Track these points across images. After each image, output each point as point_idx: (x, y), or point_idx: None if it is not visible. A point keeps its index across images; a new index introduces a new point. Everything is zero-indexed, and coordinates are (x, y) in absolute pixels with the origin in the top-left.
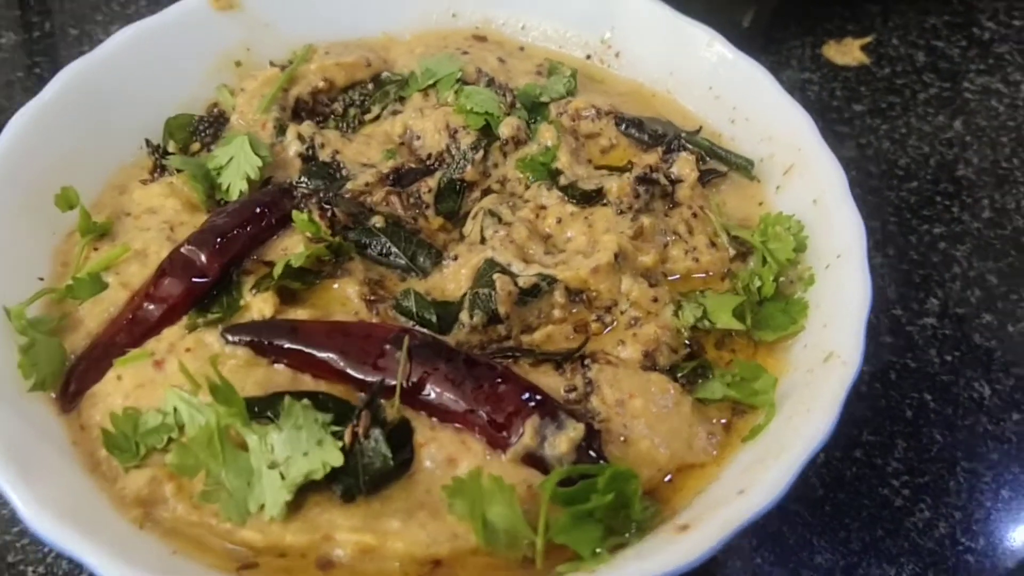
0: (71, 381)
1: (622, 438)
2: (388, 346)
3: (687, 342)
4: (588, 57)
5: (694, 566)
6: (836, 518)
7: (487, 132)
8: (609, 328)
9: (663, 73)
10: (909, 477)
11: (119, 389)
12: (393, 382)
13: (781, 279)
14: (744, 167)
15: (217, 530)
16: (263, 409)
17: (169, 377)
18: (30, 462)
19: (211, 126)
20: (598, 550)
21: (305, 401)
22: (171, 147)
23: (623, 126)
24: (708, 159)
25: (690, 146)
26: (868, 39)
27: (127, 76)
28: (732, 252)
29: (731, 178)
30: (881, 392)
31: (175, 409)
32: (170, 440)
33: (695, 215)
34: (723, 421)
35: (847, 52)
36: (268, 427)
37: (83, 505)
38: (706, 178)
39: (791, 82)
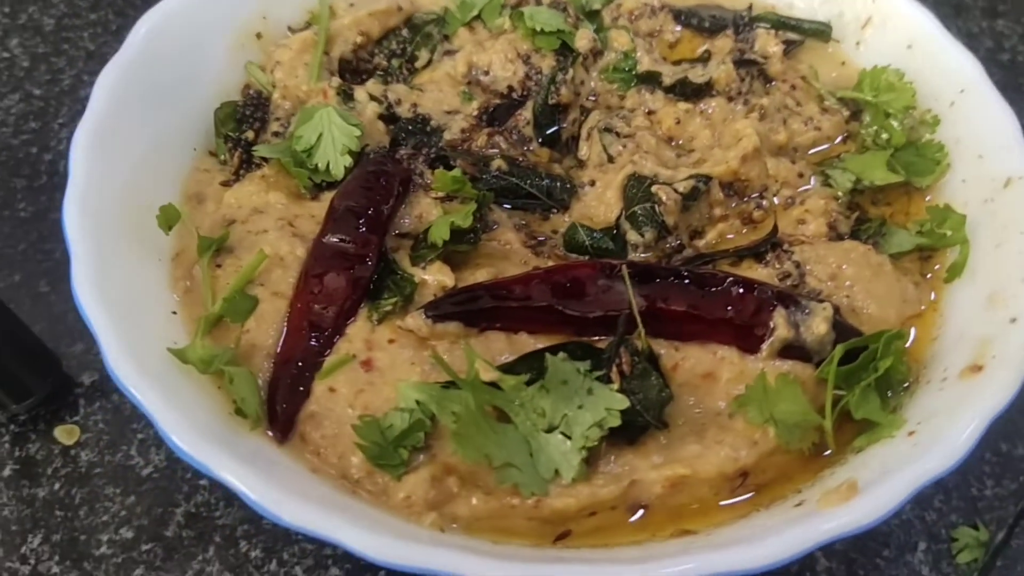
0: (276, 409)
1: (853, 308)
2: (602, 280)
3: (852, 206)
4: None
5: (1010, 403)
6: None
7: (562, 51)
8: (771, 212)
9: None
10: None
11: (339, 402)
12: (625, 310)
13: (904, 127)
14: (822, 31)
15: (520, 508)
16: (508, 370)
17: (386, 374)
18: (322, 500)
19: (256, 109)
20: (887, 415)
21: (562, 354)
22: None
23: (681, 17)
24: (781, 31)
25: (758, 24)
26: None
27: (157, 77)
28: (846, 113)
29: (806, 46)
30: None
31: (418, 403)
32: (425, 435)
33: (794, 87)
34: (921, 281)
35: None
36: (528, 392)
37: (383, 525)
38: (788, 48)
39: None
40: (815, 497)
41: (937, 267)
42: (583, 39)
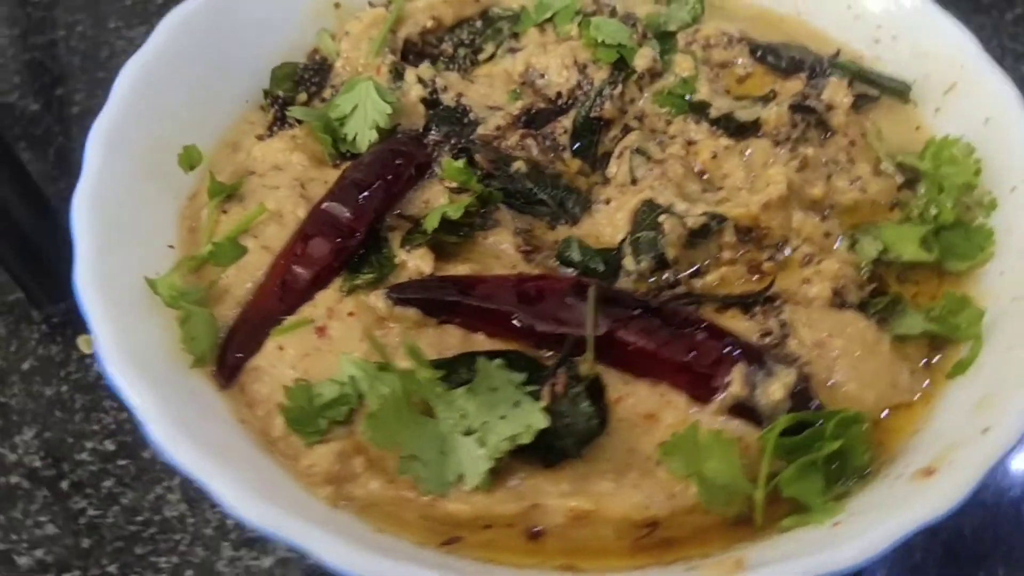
0: (228, 354)
1: (829, 382)
2: (569, 299)
3: (873, 279)
4: None
5: (951, 512)
6: None
7: (619, 66)
8: (786, 266)
9: None
10: None
11: (283, 360)
12: (582, 333)
13: (958, 206)
14: (900, 90)
15: (416, 504)
16: (449, 371)
17: (335, 344)
18: (219, 447)
19: (316, 74)
20: (825, 501)
21: (499, 361)
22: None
23: (758, 53)
24: (856, 83)
25: (837, 70)
26: None
27: (227, 25)
28: (900, 179)
29: (882, 103)
30: None
31: (352, 378)
32: (351, 412)
33: (853, 143)
34: (924, 360)
35: None
36: (456, 392)
37: (275, 486)
38: (858, 103)
39: None
40: (707, 565)
41: (939, 358)
42: (642, 57)
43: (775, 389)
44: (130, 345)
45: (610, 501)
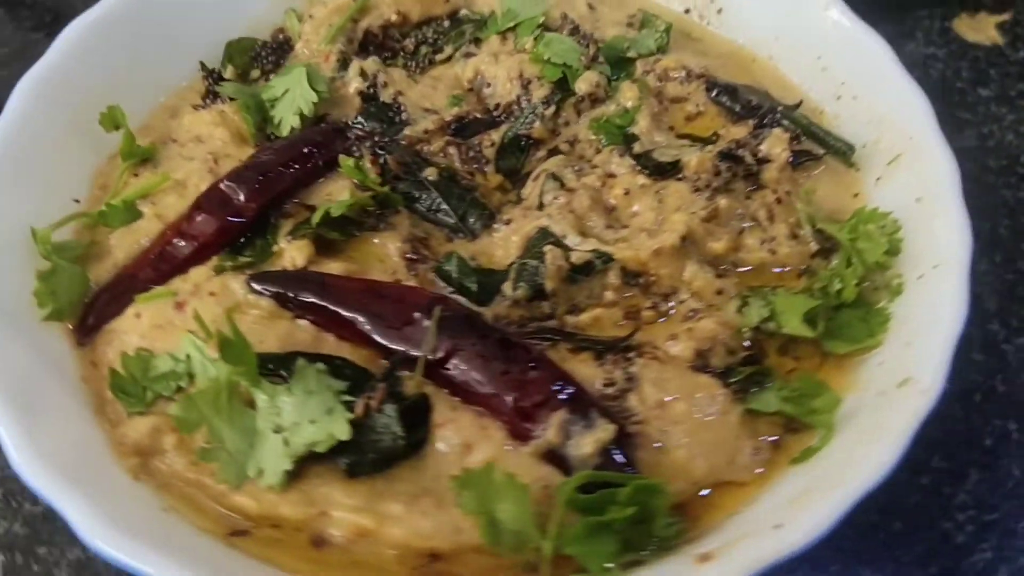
0: (90, 313)
1: (657, 444)
2: (418, 314)
3: (747, 344)
4: (687, 11)
5: None
6: (888, 549)
7: (562, 86)
8: (664, 318)
9: (768, 36)
10: (976, 512)
11: (136, 328)
12: (419, 353)
13: (865, 284)
14: (843, 152)
15: (212, 491)
16: (278, 367)
17: (189, 321)
18: (33, 398)
19: (273, 52)
20: (610, 565)
21: (320, 365)
22: (228, 72)
23: (714, 92)
24: (804, 139)
25: (786, 122)
26: (1006, 16)
27: None
28: (815, 247)
29: (826, 162)
30: (961, 415)
31: (188, 357)
32: (179, 389)
33: (779, 201)
34: (773, 438)
35: (980, 28)
36: (280, 388)
37: (80, 450)
38: (798, 160)
39: (912, 57)
40: None
41: (791, 440)
42: (585, 81)
43: (587, 443)
44: None
45: (394, 524)
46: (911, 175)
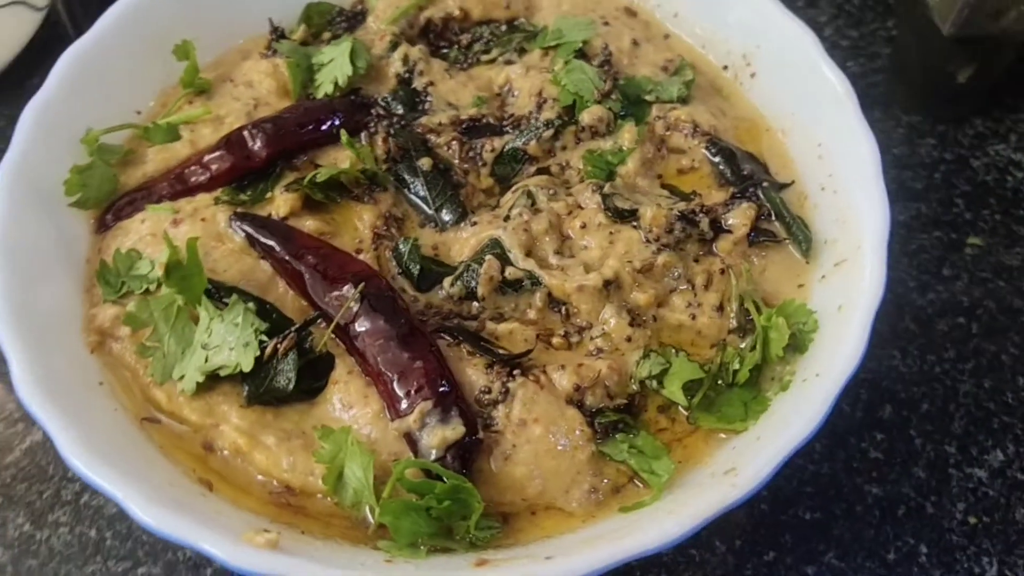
0: (110, 210)
1: (505, 456)
2: (348, 285)
3: (631, 394)
4: (725, 68)
5: None
6: None
7: (571, 112)
8: (573, 348)
9: (785, 111)
10: None
11: (137, 231)
12: (334, 316)
13: (764, 371)
14: (800, 242)
15: (140, 381)
16: (224, 293)
17: (179, 235)
18: (35, 266)
19: (348, 20)
20: (420, 544)
21: (251, 304)
22: (300, 31)
23: (713, 151)
24: (773, 219)
25: (762, 198)
26: None
27: None
28: (734, 324)
29: (787, 247)
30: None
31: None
32: (147, 292)
33: (722, 271)
34: (618, 483)
35: None
36: (217, 313)
37: (56, 316)
38: (758, 238)
39: (994, 157)
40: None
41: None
42: (589, 114)
43: (436, 435)
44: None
45: (263, 452)
46: (845, 283)
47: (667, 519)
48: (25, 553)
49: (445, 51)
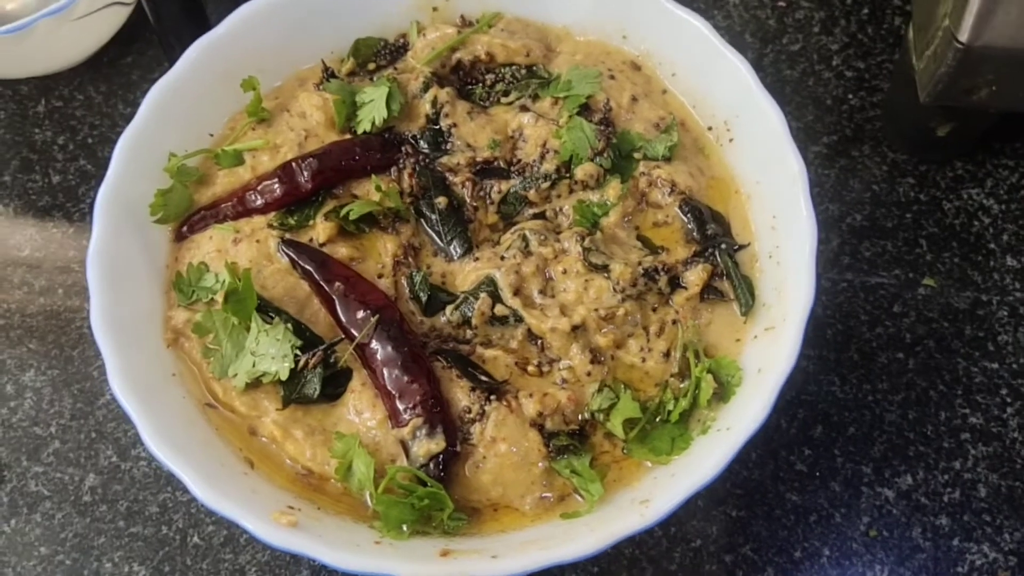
0: (185, 224)
1: (477, 466)
2: (367, 310)
3: (583, 421)
4: (710, 128)
5: None
6: None
7: (568, 166)
8: (544, 375)
9: (751, 179)
10: None
11: (206, 247)
12: (356, 336)
13: (693, 414)
14: (743, 303)
15: (203, 375)
16: (271, 311)
17: (237, 253)
18: (123, 271)
19: (391, 53)
20: (404, 527)
21: (289, 325)
22: (348, 64)
23: (685, 210)
24: (723, 278)
25: (718, 259)
26: None
27: None
28: (676, 369)
29: (730, 303)
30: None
31: (224, 281)
32: (211, 300)
33: (674, 322)
34: (556, 493)
35: None
36: (264, 327)
37: (140, 317)
38: (708, 295)
39: (966, 200)
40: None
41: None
42: (582, 171)
43: (422, 447)
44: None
45: (292, 443)
46: (768, 349)
47: (588, 536)
48: (112, 479)
49: (471, 87)
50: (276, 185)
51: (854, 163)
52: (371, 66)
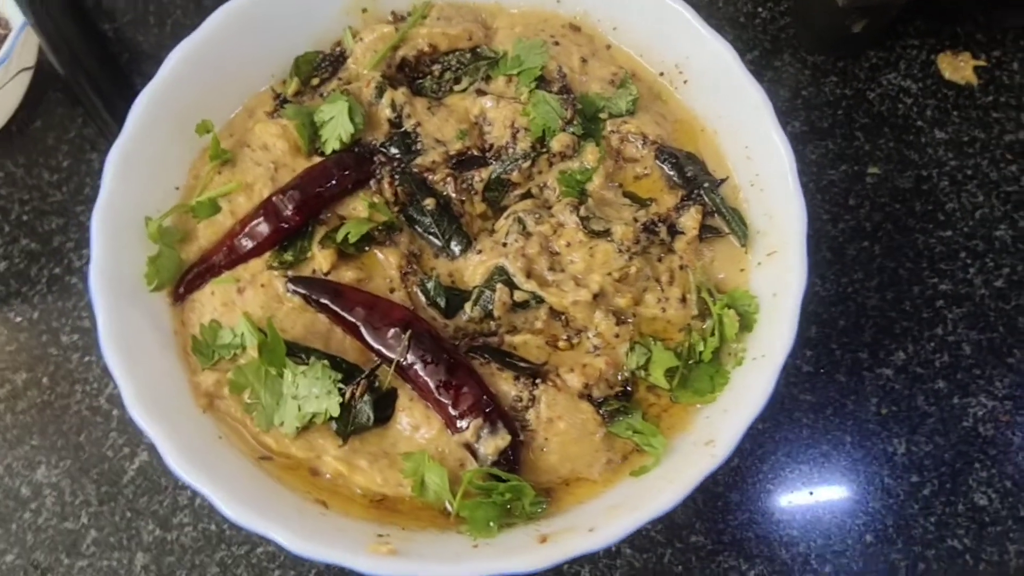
0: (181, 284)
1: (542, 448)
2: (396, 328)
3: (624, 380)
4: (661, 74)
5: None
6: None
7: (542, 140)
8: (573, 349)
9: (714, 115)
10: None
11: (211, 303)
12: (393, 357)
13: (723, 349)
14: (739, 235)
15: (250, 430)
16: (300, 351)
17: (246, 303)
18: (137, 346)
19: (331, 64)
20: (491, 524)
21: (326, 361)
22: (292, 85)
23: (662, 158)
24: (715, 215)
25: (706, 200)
26: (985, 60)
27: (271, 13)
28: (695, 312)
29: (727, 238)
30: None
31: (243, 333)
32: (235, 356)
33: (681, 267)
34: (627, 453)
35: (959, 68)
36: (299, 368)
37: (169, 388)
38: (705, 235)
39: (886, 87)
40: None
41: (636, 457)
42: (558, 142)
43: (489, 446)
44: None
45: (360, 473)
46: (776, 273)
47: (668, 488)
48: (162, 553)
49: (420, 81)
50: (262, 225)
51: (779, 74)
52: (314, 81)
